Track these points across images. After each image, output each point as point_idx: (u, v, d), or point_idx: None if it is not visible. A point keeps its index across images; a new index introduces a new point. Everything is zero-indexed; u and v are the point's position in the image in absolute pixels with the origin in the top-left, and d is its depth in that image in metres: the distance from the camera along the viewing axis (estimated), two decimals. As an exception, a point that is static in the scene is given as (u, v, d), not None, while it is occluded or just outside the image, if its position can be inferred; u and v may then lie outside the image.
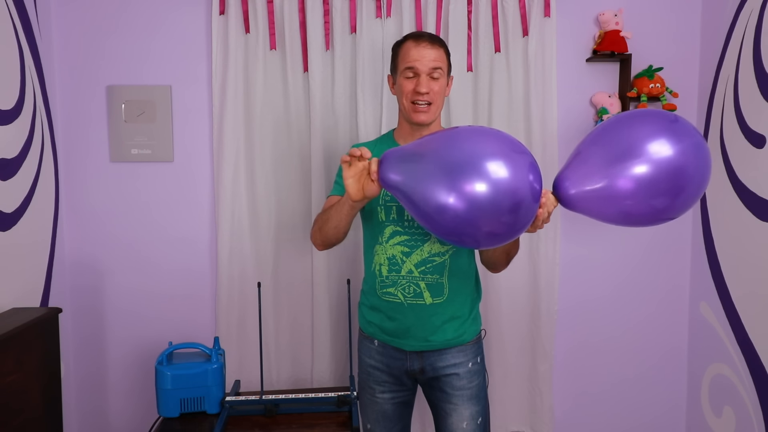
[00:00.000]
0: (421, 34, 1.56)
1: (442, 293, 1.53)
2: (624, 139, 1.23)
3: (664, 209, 1.23)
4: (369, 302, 1.62)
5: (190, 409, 1.88)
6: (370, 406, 1.66)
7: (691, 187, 1.21)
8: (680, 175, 1.19)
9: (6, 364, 1.48)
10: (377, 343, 1.61)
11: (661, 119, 1.25)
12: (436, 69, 1.51)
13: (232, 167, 2.12)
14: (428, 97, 1.51)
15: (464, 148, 1.18)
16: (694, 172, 1.20)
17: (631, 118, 1.28)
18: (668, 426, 2.38)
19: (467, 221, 1.15)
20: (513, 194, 1.14)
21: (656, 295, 2.34)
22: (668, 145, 1.19)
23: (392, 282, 1.53)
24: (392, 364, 1.59)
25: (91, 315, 2.18)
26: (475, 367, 1.60)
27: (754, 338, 1.93)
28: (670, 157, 1.19)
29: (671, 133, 1.21)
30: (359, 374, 1.70)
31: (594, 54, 2.19)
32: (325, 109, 2.13)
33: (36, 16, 1.97)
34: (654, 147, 1.19)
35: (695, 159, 1.21)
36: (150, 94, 2.12)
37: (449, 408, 1.57)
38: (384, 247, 1.54)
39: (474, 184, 1.12)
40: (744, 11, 2.00)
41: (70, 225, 2.15)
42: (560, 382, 2.34)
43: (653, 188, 1.19)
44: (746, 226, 1.97)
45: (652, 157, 1.19)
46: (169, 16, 2.12)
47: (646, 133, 1.22)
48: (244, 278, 2.17)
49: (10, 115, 1.78)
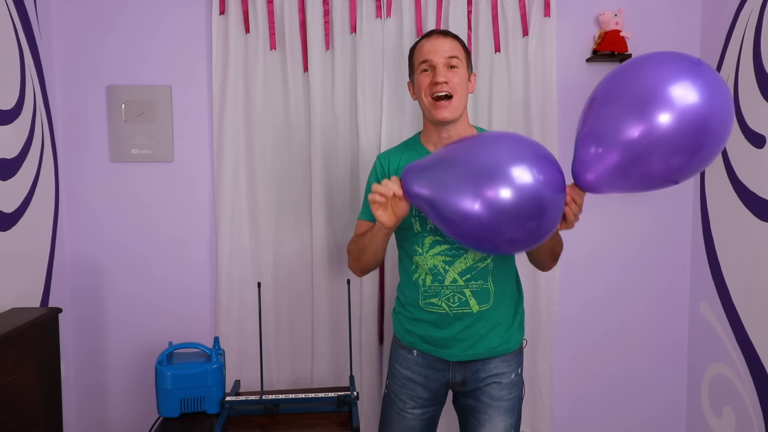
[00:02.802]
0: (431, 31, 1.52)
1: (488, 299, 1.47)
2: (638, 88, 1.05)
3: (679, 169, 1.08)
4: (410, 314, 1.55)
5: (190, 409, 1.88)
6: (397, 421, 1.59)
7: (713, 144, 1.05)
8: (705, 127, 1.02)
9: (6, 365, 1.47)
10: (416, 353, 1.54)
11: (682, 61, 1.07)
12: (453, 58, 1.45)
13: (232, 167, 2.12)
14: (447, 87, 1.43)
15: (484, 155, 1.17)
16: (718, 125, 1.04)
17: (642, 62, 1.11)
18: (668, 426, 2.38)
19: (491, 227, 1.14)
20: (536, 199, 1.12)
21: (656, 294, 2.34)
22: (693, 90, 1.00)
23: (435, 293, 1.47)
24: (432, 375, 1.53)
25: (91, 315, 2.18)
26: (516, 378, 1.54)
27: (754, 338, 1.93)
28: (695, 105, 1.00)
29: (695, 76, 1.03)
30: (390, 384, 1.63)
31: (594, 54, 2.19)
32: (325, 109, 2.13)
33: (36, 16, 1.97)
34: (677, 92, 1.00)
35: (721, 113, 1.04)
36: (150, 94, 2.12)
37: (483, 419, 1.51)
38: (425, 258, 1.48)
39: (497, 190, 1.11)
40: (744, 11, 2.00)
41: (70, 225, 2.15)
42: (560, 383, 2.34)
43: (676, 143, 1.02)
44: (746, 226, 1.97)
45: (676, 105, 1.00)
46: (168, 16, 2.12)
47: (663, 76, 1.03)
48: (244, 278, 2.17)
49: (10, 115, 1.78)
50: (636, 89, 1.07)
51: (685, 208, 2.32)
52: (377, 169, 1.60)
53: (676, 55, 1.11)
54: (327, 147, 2.13)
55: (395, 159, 1.58)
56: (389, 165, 1.57)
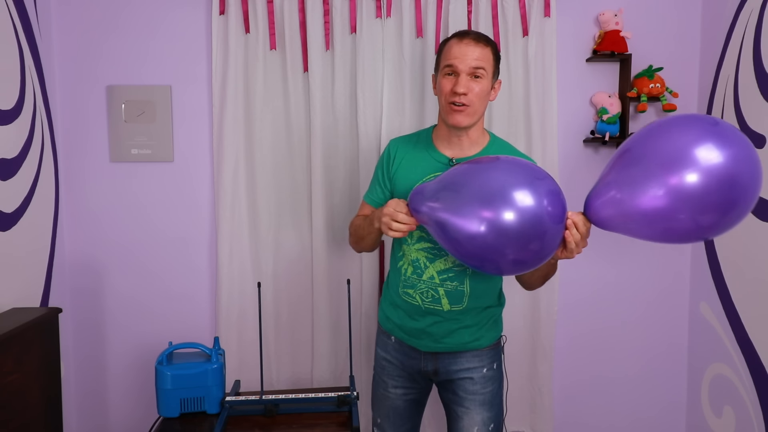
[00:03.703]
0: (467, 32, 1.47)
1: (461, 301, 1.49)
2: (662, 149, 1.08)
3: (710, 227, 1.08)
4: (390, 299, 1.61)
5: (190, 409, 1.88)
6: (382, 401, 1.65)
7: (743, 201, 1.07)
8: (733, 186, 1.04)
9: (6, 364, 1.47)
10: (394, 339, 1.61)
11: (702, 123, 1.09)
12: (479, 69, 1.42)
13: (232, 167, 2.12)
14: (466, 99, 1.41)
15: (488, 179, 1.23)
16: (747, 182, 1.05)
17: (666, 126, 1.13)
18: (668, 426, 2.38)
19: (493, 248, 1.19)
20: (533, 222, 1.16)
21: (656, 294, 2.34)
22: (717, 151, 1.03)
23: (412, 284, 1.52)
24: (407, 362, 1.59)
25: (91, 315, 2.18)
26: (491, 373, 1.57)
27: (754, 338, 1.93)
28: (720, 164, 1.02)
29: (717, 138, 1.05)
30: (374, 367, 1.70)
31: (594, 54, 2.19)
32: (325, 109, 2.13)
33: (36, 16, 1.97)
34: (702, 153, 1.03)
35: (748, 167, 1.05)
36: (150, 94, 2.12)
37: (461, 411, 1.55)
38: (410, 248, 1.52)
39: (500, 213, 1.16)
40: (744, 11, 2.00)
41: (70, 225, 2.15)
42: (560, 383, 2.34)
43: (702, 203, 1.05)
44: (746, 226, 1.96)
45: (701, 165, 1.03)
46: (168, 16, 2.12)
47: (689, 139, 1.06)
48: (244, 278, 2.17)
49: (10, 115, 1.78)
50: (665, 151, 1.09)
51: (685, 208, 2.32)
52: (385, 156, 1.63)
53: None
54: (327, 147, 2.13)
55: (402, 150, 1.60)
56: (397, 153, 1.60)
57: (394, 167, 1.58)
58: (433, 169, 1.50)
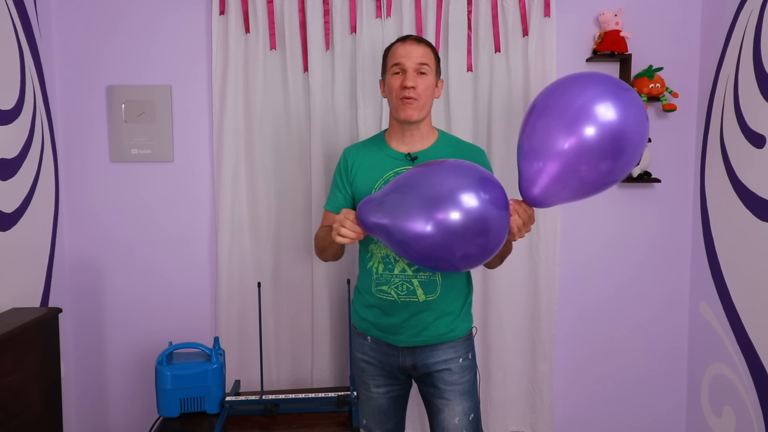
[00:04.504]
0: (408, 36, 1.61)
1: (435, 290, 1.55)
2: (569, 105, 1.23)
3: (609, 171, 1.24)
4: (364, 300, 1.63)
5: (190, 409, 1.88)
6: (366, 402, 1.68)
7: (631, 148, 1.23)
8: (621, 137, 1.21)
9: (6, 364, 1.48)
10: (370, 339, 1.63)
11: (604, 82, 1.25)
12: (423, 65, 1.54)
13: (232, 167, 2.12)
14: (414, 92, 1.53)
15: (432, 182, 1.28)
16: (633, 133, 1.22)
17: (568, 83, 1.28)
18: (668, 426, 2.38)
19: (442, 246, 1.24)
20: (482, 218, 1.23)
21: (656, 294, 2.34)
22: (612, 108, 1.20)
23: (386, 280, 1.56)
24: (385, 360, 1.62)
25: (91, 315, 2.18)
26: (467, 363, 1.62)
27: (754, 338, 1.93)
28: (613, 120, 1.19)
29: (614, 96, 1.21)
30: (354, 370, 1.72)
31: (594, 54, 2.19)
32: (325, 109, 2.13)
33: (36, 16, 1.97)
34: (600, 110, 1.20)
35: (635, 123, 1.22)
36: (150, 94, 2.13)
37: (441, 403, 1.59)
38: (378, 246, 1.57)
39: (447, 213, 1.22)
40: (744, 11, 2.00)
41: (70, 225, 2.15)
42: (560, 382, 2.34)
43: (598, 151, 1.20)
44: (746, 226, 1.97)
45: (599, 120, 1.19)
46: (169, 17, 2.12)
47: (589, 96, 1.22)
48: (243, 278, 2.17)
49: (10, 115, 1.78)
50: (567, 106, 1.24)
51: (686, 208, 2.32)
52: (342, 164, 1.69)
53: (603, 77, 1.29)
54: (327, 147, 2.13)
55: (357, 154, 1.66)
56: (355, 160, 1.66)
57: (353, 173, 1.63)
58: (391, 166, 1.57)
